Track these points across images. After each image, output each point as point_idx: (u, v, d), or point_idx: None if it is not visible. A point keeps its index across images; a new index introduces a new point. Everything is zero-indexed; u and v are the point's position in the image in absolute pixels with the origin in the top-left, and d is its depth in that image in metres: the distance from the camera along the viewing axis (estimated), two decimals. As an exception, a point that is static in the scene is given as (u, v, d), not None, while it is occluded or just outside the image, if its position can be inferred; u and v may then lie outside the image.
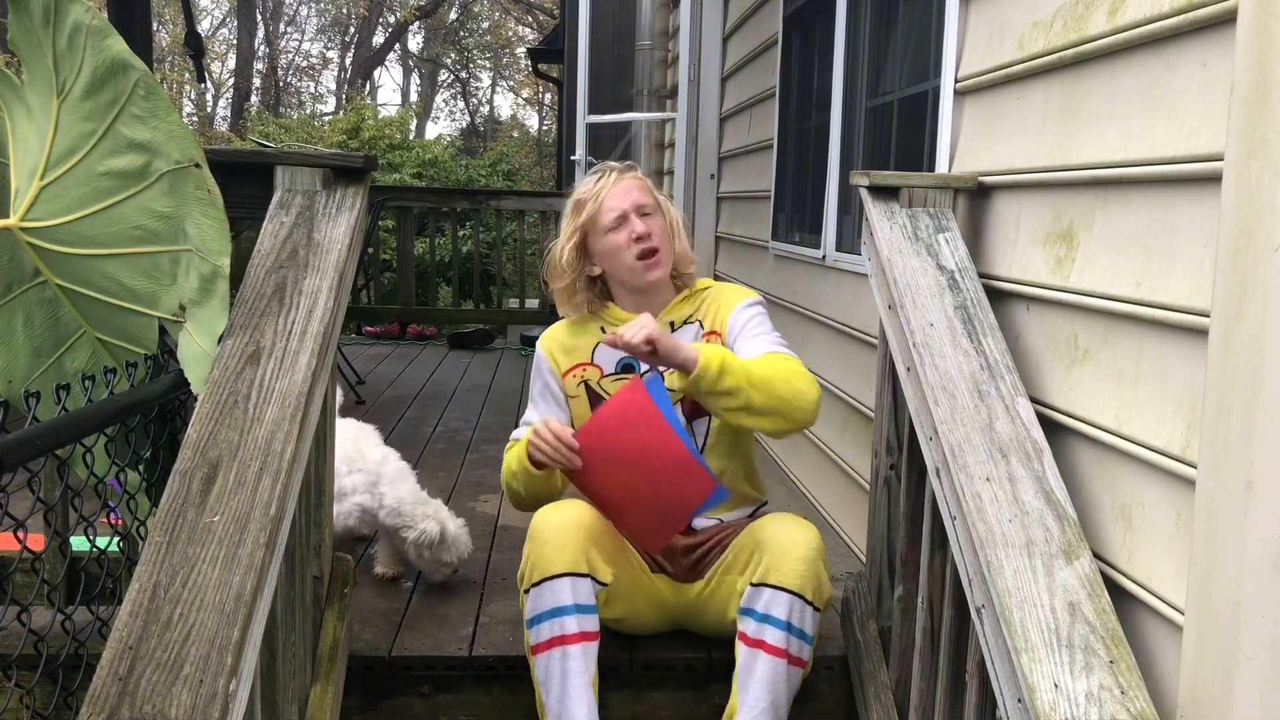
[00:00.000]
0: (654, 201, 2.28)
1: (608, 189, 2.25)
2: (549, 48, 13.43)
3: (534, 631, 2.10)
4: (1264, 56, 1.29)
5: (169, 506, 1.54)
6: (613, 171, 2.29)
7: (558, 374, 2.32)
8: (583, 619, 2.09)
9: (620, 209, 2.24)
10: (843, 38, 3.34)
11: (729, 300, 2.31)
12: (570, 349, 2.33)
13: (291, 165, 2.18)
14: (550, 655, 2.08)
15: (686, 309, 2.33)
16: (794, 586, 2.08)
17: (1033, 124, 2.05)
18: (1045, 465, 1.73)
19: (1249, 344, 1.30)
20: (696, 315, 2.33)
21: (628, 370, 2.30)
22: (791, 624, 2.08)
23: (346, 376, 5.24)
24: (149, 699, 1.28)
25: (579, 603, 2.09)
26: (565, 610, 2.08)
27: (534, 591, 2.10)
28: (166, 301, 1.94)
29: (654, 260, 2.24)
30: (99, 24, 1.81)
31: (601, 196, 2.25)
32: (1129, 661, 1.46)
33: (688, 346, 2.08)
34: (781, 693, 2.10)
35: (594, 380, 2.31)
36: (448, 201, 8.07)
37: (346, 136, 15.41)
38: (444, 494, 3.57)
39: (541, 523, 2.16)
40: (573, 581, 2.09)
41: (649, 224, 2.24)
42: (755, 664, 2.09)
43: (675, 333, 2.30)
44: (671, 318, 2.31)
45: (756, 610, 2.10)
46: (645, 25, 6.00)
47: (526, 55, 20.91)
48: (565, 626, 2.08)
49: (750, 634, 2.11)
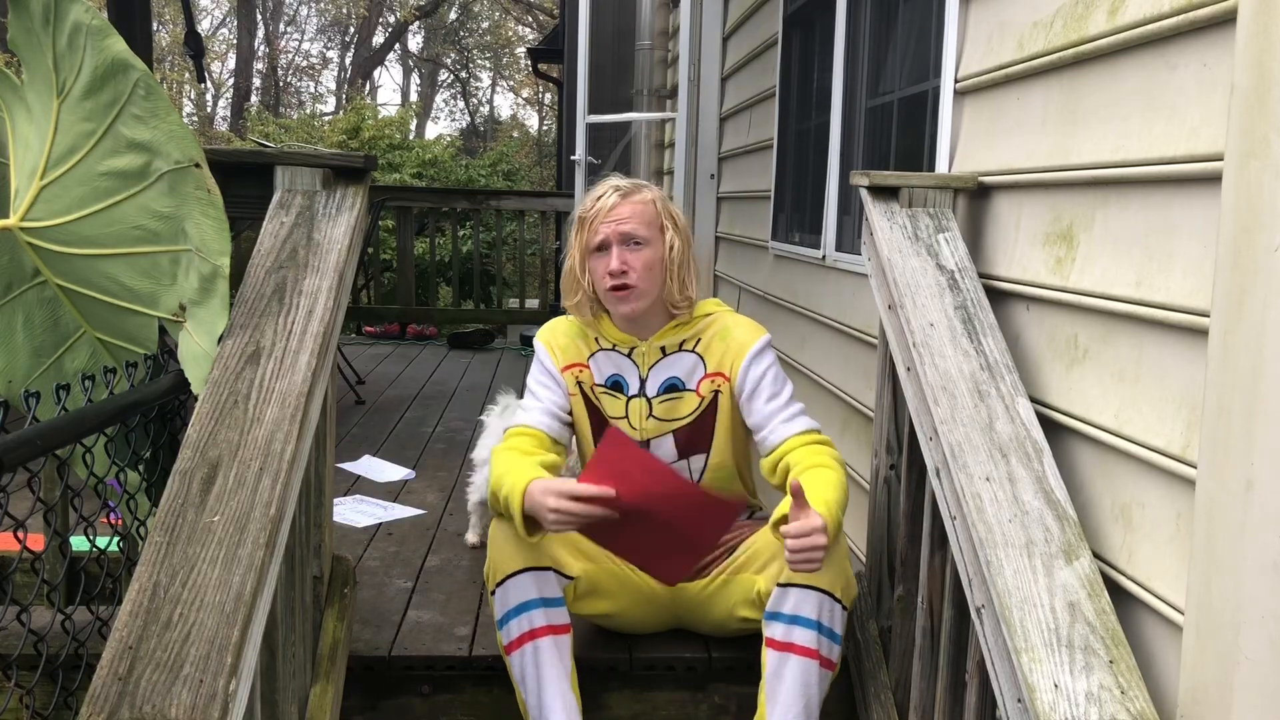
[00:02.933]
0: (648, 233, 2.17)
1: (603, 213, 2.17)
2: (549, 48, 13.42)
3: (504, 631, 2.10)
4: (1264, 56, 1.29)
5: (169, 506, 1.54)
6: (615, 193, 2.19)
7: (557, 366, 2.28)
8: (550, 612, 2.09)
9: (604, 235, 2.16)
10: (843, 38, 3.34)
11: (739, 343, 2.22)
12: (567, 348, 2.29)
13: (291, 165, 2.18)
14: (523, 652, 2.08)
15: (681, 334, 2.25)
16: (823, 584, 2.01)
17: (1033, 124, 2.05)
18: (1045, 465, 1.73)
19: (1249, 344, 1.30)
20: (693, 345, 2.24)
21: (616, 387, 2.26)
22: (822, 623, 2.01)
23: (346, 377, 5.24)
24: (149, 699, 1.28)
25: (544, 596, 2.09)
26: (532, 604, 2.08)
27: (499, 591, 2.09)
28: (166, 301, 1.94)
29: (624, 294, 2.16)
30: (99, 24, 1.81)
31: (596, 220, 2.17)
32: (1129, 661, 1.46)
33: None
34: (814, 696, 2.02)
35: (587, 384, 2.28)
36: (448, 201, 8.07)
37: (346, 136, 15.40)
38: (444, 494, 3.57)
39: (500, 525, 2.14)
40: (535, 575, 2.08)
41: (632, 257, 2.15)
42: (785, 668, 2.02)
43: (667, 358, 2.24)
44: (663, 343, 2.25)
45: (784, 612, 2.03)
46: (645, 25, 6.00)
47: (526, 55, 20.91)
48: (533, 620, 2.07)
49: (779, 638, 2.03)
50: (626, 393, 2.25)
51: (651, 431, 2.25)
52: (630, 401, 2.25)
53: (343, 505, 3.33)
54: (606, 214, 2.16)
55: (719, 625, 2.30)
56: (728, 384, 2.22)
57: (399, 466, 3.90)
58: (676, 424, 2.25)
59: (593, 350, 2.28)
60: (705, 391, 2.23)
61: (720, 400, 2.23)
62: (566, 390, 2.27)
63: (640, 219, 2.17)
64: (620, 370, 2.26)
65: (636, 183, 2.24)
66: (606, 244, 2.16)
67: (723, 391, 2.23)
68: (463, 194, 8.90)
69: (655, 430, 2.25)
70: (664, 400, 2.24)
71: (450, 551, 2.99)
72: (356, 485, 3.65)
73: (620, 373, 2.25)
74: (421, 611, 2.54)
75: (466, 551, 2.99)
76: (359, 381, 5.39)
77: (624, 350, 2.26)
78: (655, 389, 2.25)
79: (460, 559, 2.93)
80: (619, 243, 2.15)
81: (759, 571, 2.15)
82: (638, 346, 2.25)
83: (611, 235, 2.15)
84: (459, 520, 3.28)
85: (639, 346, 2.25)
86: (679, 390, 2.24)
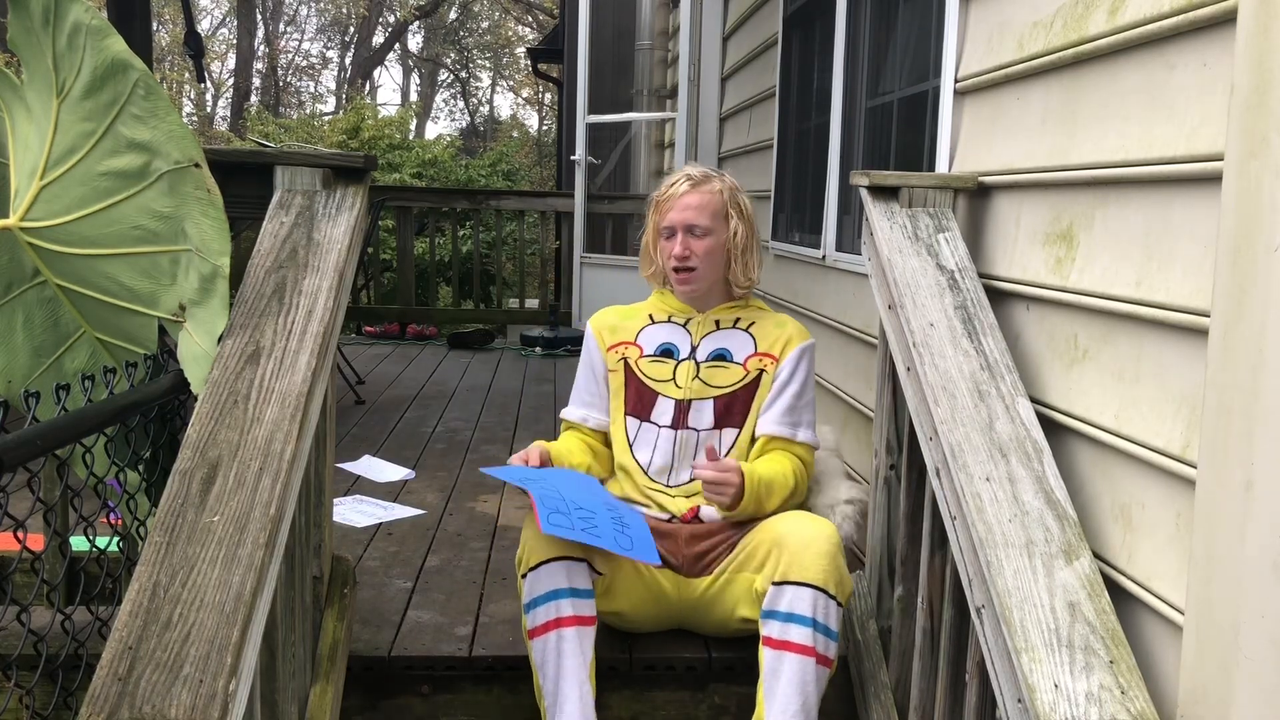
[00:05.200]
0: (711, 223, 2.33)
1: (674, 200, 2.34)
2: (549, 48, 13.41)
3: (530, 616, 2.11)
4: (1264, 56, 1.29)
5: (169, 506, 1.54)
6: (686, 181, 2.36)
7: (602, 349, 2.44)
8: (578, 603, 2.11)
9: (671, 223, 2.34)
10: (843, 38, 3.34)
11: (794, 333, 2.39)
12: (616, 328, 2.45)
13: (291, 165, 2.18)
14: (546, 639, 2.09)
15: (736, 313, 2.42)
16: (817, 581, 2.04)
17: (1033, 124, 2.05)
18: (1045, 465, 1.73)
19: (1249, 344, 1.30)
20: (746, 326, 2.40)
21: (666, 354, 2.39)
22: (817, 620, 2.04)
23: (346, 377, 5.24)
24: (149, 699, 1.28)
25: (575, 587, 2.11)
26: (561, 594, 2.10)
27: (531, 576, 2.12)
28: (166, 301, 1.94)
29: (686, 276, 2.35)
30: (99, 24, 1.81)
31: (666, 206, 2.35)
32: (1129, 661, 1.46)
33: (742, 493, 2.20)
34: (811, 694, 2.04)
35: (633, 359, 2.41)
36: (448, 201, 8.07)
37: (346, 136, 15.39)
38: (444, 494, 3.57)
39: None
40: (568, 565, 2.11)
41: (695, 244, 2.32)
42: (782, 666, 2.04)
43: (721, 331, 2.40)
44: (718, 317, 2.41)
45: (780, 610, 2.06)
46: (645, 25, 6.01)
47: (526, 55, 20.90)
48: (561, 610, 2.09)
49: (775, 636, 2.06)
50: (676, 357, 2.39)
51: (695, 393, 2.35)
52: (679, 365, 2.38)
53: (343, 505, 3.33)
54: (676, 201, 2.34)
55: (720, 625, 2.30)
56: (774, 365, 2.36)
57: (399, 466, 3.90)
58: (719, 391, 2.35)
59: (643, 325, 2.44)
60: (751, 368, 2.36)
61: (764, 379, 2.36)
62: (606, 373, 2.44)
63: (706, 209, 2.33)
64: (673, 339, 2.41)
65: (708, 172, 2.40)
66: (673, 230, 2.34)
67: (767, 371, 2.36)
68: (463, 194, 8.90)
69: (699, 392, 2.35)
70: (711, 366, 2.37)
71: (450, 551, 3.00)
72: (356, 485, 3.65)
73: (673, 341, 2.41)
74: (421, 611, 2.54)
75: (466, 551, 2.99)
76: (359, 381, 5.39)
77: (680, 320, 2.43)
78: (705, 355, 2.38)
79: (460, 559, 2.93)
80: (684, 231, 2.32)
81: (757, 570, 2.16)
82: (694, 318, 2.41)
83: (677, 223, 2.33)
84: (459, 520, 3.28)
85: (695, 318, 2.41)
86: (726, 361, 2.37)
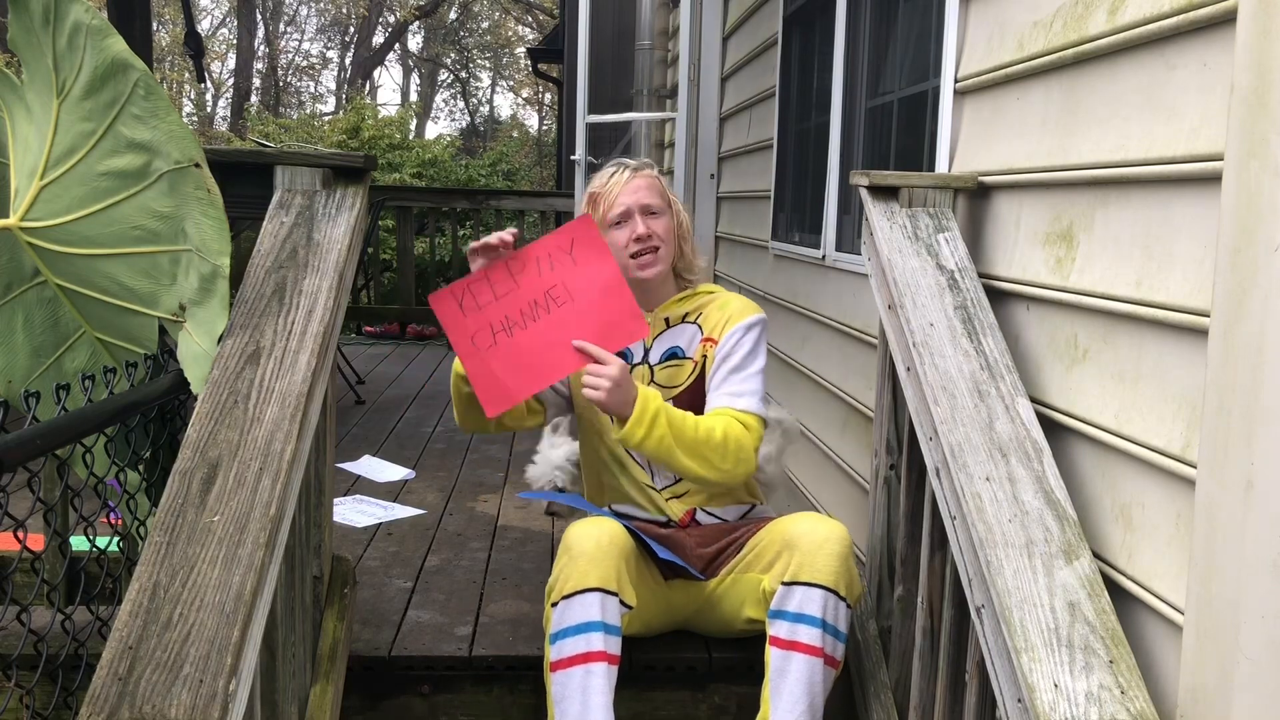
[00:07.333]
0: (662, 202, 2.32)
1: (619, 186, 2.30)
2: (549, 48, 13.43)
3: (556, 647, 2.01)
4: (1264, 56, 1.29)
5: (169, 506, 1.54)
6: (626, 169, 2.33)
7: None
8: (609, 639, 2.01)
9: (625, 206, 2.28)
10: (843, 37, 3.34)
11: (735, 312, 2.33)
12: None
13: (291, 165, 2.18)
14: (571, 674, 1.99)
15: (685, 307, 2.37)
16: (828, 582, 2.02)
17: (1033, 124, 2.05)
18: (1045, 465, 1.73)
19: (1249, 344, 1.30)
20: (695, 317, 2.35)
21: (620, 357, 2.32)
22: (827, 621, 2.02)
23: (346, 377, 5.24)
24: (149, 699, 1.28)
25: (607, 621, 2.01)
26: (593, 626, 2.00)
27: (563, 604, 2.02)
28: (166, 301, 1.94)
29: (647, 260, 2.28)
30: (99, 24, 1.81)
31: (613, 193, 2.30)
32: (1129, 661, 1.46)
33: (632, 402, 2.08)
34: (818, 695, 2.02)
35: None
36: (448, 201, 8.07)
37: (346, 136, 15.37)
38: (444, 494, 3.58)
39: (577, 535, 2.08)
40: (603, 598, 2.01)
41: (654, 224, 2.28)
42: (789, 666, 2.02)
43: (670, 330, 2.35)
44: (668, 314, 2.36)
45: (789, 610, 2.04)
46: (645, 25, 6.00)
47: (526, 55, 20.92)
48: (591, 643, 1.99)
49: (783, 636, 2.04)
50: (631, 361, 2.34)
51: None
52: (634, 370, 2.33)
53: (343, 505, 3.33)
54: (624, 187, 2.30)
55: (725, 626, 2.30)
56: (714, 348, 2.30)
57: (399, 466, 3.90)
58: (677, 390, 2.32)
59: None
60: (698, 356, 2.32)
61: (707, 365, 2.31)
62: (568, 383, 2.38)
63: (654, 189, 2.33)
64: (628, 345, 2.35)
65: (640, 160, 2.40)
66: (629, 213, 2.29)
67: (709, 356, 2.31)
68: (463, 194, 8.90)
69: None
70: (665, 367, 2.34)
71: (450, 551, 3.00)
72: (356, 485, 3.65)
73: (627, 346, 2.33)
74: (421, 611, 2.55)
75: (466, 551, 2.99)
76: (359, 381, 5.39)
77: None
78: (658, 357, 2.35)
79: (460, 559, 2.93)
80: (640, 212, 2.28)
81: (765, 570, 2.15)
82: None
83: (632, 205, 2.28)
84: (459, 520, 3.28)
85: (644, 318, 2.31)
86: (679, 358, 2.34)
